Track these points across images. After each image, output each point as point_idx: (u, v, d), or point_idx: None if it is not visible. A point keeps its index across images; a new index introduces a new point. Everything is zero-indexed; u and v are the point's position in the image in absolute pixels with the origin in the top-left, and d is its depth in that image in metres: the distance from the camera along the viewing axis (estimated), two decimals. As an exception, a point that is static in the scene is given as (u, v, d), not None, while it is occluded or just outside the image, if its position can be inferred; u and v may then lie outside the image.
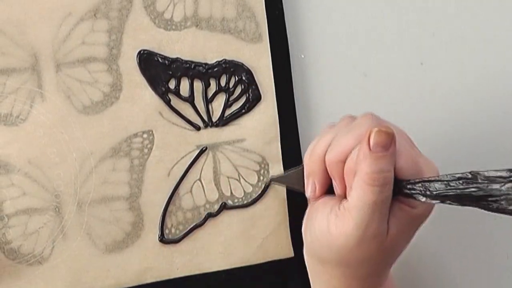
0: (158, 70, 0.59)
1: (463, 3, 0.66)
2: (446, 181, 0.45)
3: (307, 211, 0.55)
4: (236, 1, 0.60)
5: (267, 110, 0.61)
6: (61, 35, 0.58)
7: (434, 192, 0.45)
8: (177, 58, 0.60)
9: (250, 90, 0.61)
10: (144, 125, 0.59)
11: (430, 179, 0.46)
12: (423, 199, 0.46)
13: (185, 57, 0.60)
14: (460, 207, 0.44)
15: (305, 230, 0.53)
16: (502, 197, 0.41)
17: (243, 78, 0.61)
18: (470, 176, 0.43)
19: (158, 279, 0.60)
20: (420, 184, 0.46)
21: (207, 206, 0.61)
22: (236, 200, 0.61)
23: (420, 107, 0.66)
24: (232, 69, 0.61)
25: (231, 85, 0.61)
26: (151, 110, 0.59)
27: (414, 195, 0.46)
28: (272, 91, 0.61)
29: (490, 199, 0.42)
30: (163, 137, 0.60)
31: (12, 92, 0.57)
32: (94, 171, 0.59)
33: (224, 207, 0.61)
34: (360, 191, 0.46)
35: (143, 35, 0.59)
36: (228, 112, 0.61)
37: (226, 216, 0.61)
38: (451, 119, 0.67)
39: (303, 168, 0.55)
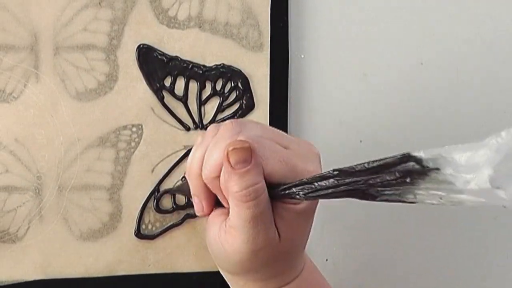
0: (156, 66, 0.59)
1: (463, 3, 0.66)
2: (310, 182, 0.44)
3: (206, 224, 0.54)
4: (242, 7, 0.60)
5: (259, 120, 0.61)
6: (64, 19, 0.58)
7: (304, 193, 0.45)
8: (176, 56, 0.60)
9: (244, 98, 0.61)
10: (135, 119, 0.59)
11: (296, 183, 0.45)
12: (301, 198, 0.45)
13: (184, 56, 0.60)
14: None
15: (207, 244, 0.52)
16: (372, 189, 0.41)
17: (239, 85, 0.61)
18: (335, 173, 0.43)
19: (129, 273, 0.60)
20: (292, 189, 0.46)
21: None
22: (216, 205, 0.61)
23: (420, 107, 0.66)
24: (229, 75, 0.60)
25: (226, 90, 0.61)
26: (144, 104, 0.59)
27: (292, 196, 0.46)
28: (267, 101, 0.61)
29: (370, 191, 0.41)
30: (152, 133, 0.60)
31: (8, 69, 0.57)
32: (79, 157, 0.59)
33: (203, 210, 0.61)
34: (236, 209, 0.46)
35: (145, 29, 0.59)
36: (220, 116, 0.61)
37: (204, 219, 0.61)
38: (451, 119, 0.67)
39: None
